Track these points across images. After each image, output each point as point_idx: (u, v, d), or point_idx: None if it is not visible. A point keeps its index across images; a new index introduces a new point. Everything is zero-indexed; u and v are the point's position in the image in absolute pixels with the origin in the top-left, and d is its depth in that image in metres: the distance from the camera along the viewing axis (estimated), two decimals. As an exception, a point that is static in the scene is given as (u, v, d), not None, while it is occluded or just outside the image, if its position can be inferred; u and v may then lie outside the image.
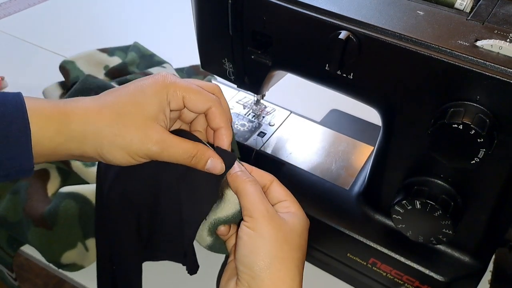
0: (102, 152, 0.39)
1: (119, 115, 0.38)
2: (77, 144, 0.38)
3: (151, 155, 0.39)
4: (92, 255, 0.56)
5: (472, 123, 0.36)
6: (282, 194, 0.43)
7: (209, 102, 0.41)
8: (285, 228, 0.39)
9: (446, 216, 0.42)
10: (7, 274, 0.62)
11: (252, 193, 0.40)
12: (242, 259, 0.38)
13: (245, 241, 0.39)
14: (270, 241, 0.38)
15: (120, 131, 0.38)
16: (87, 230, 0.56)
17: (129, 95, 0.40)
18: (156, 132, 0.39)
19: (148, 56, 0.84)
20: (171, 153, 0.40)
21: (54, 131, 0.37)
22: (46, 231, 0.55)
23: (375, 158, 0.50)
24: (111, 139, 0.38)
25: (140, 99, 0.39)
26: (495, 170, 0.41)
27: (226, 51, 0.53)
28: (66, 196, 0.55)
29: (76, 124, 0.38)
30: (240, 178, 0.41)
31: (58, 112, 0.38)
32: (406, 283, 0.51)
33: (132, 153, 0.39)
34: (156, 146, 0.39)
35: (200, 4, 0.52)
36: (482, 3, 0.43)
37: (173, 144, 0.40)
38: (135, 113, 0.39)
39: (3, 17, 1.02)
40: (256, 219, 0.39)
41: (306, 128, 0.65)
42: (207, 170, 0.42)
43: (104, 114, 0.38)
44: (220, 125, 0.42)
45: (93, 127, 0.38)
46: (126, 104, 0.39)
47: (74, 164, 0.59)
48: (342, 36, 0.41)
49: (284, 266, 0.38)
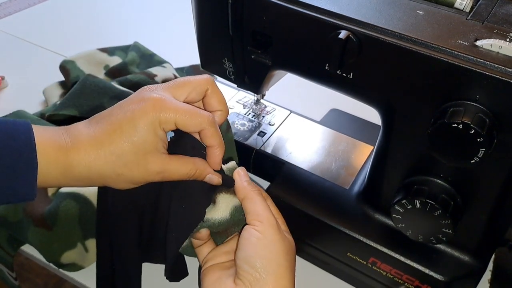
0: (109, 185, 0.41)
1: (118, 156, 0.39)
2: (83, 183, 0.41)
3: (156, 180, 0.42)
4: (92, 256, 0.56)
5: (471, 122, 0.36)
6: (275, 212, 0.45)
7: (202, 125, 0.41)
8: (286, 240, 0.41)
9: (446, 215, 0.43)
10: (7, 273, 0.62)
11: (261, 201, 0.42)
12: (249, 259, 0.39)
13: (253, 242, 0.40)
14: (278, 248, 0.40)
15: (123, 171, 0.40)
16: (87, 230, 0.55)
17: (123, 133, 0.39)
18: (156, 165, 0.40)
19: (148, 56, 0.84)
20: (173, 175, 0.42)
21: (60, 173, 0.39)
22: (45, 231, 0.55)
23: (375, 157, 0.50)
24: (115, 178, 0.40)
25: (135, 138, 0.39)
26: (495, 170, 0.41)
27: (226, 51, 0.53)
28: (66, 196, 0.55)
29: (80, 168, 0.39)
30: (249, 187, 0.43)
31: (62, 156, 0.39)
32: (406, 283, 0.51)
33: (136, 183, 0.41)
34: (158, 176, 0.41)
35: (200, 4, 0.52)
36: (482, 3, 0.43)
37: (174, 169, 0.41)
38: (133, 153, 0.40)
39: (3, 16, 1.02)
40: (265, 224, 0.40)
41: (306, 128, 0.65)
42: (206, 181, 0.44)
43: (105, 157, 0.39)
44: (212, 144, 0.43)
45: (97, 170, 0.40)
46: (122, 144, 0.39)
47: None
48: (342, 36, 0.41)
49: (286, 275, 0.40)
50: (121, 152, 0.39)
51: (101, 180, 0.40)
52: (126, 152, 0.39)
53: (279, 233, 0.40)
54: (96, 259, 0.51)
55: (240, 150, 0.61)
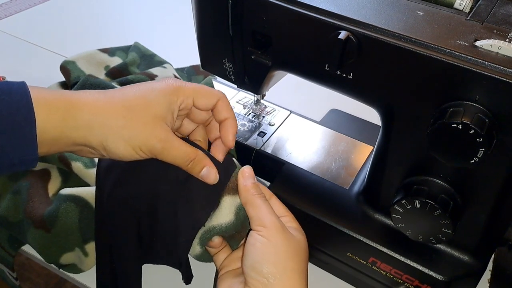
0: (107, 143, 0.39)
1: (127, 109, 0.39)
2: (82, 133, 0.39)
3: (153, 152, 0.40)
4: (92, 259, 0.56)
5: (471, 122, 0.37)
6: (282, 210, 0.44)
7: (216, 97, 0.43)
8: (294, 241, 0.41)
9: (445, 215, 0.43)
10: (8, 273, 0.63)
11: (263, 206, 0.41)
12: (254, 265, 0.39)
13: (258, 248, 0.39)
14: (283, 251, 0.39)
15: (127, 125, 0.39)
16: (87, 234, 0.55)
17: (139, 92, 0.41)
18: (162, 131, 0.40)
19: (149, 56, 0.84)
20: (172, 153, 0.41)
21: (59, 119, 0.38)
22: (45, 233, 0.55)
23: (375, 157, 0.51)
24: (118, 131, 0.39)
25: (150, 97, 0.40)
26: (494, 170, 0.41)
27: (226, 51, 0.53)
28: (66, 199, 0.55)
29: (83, 113, 0.38)
30: (252, 191, 0.42)
31: (64, 101, 0.38)
32: (405, 282, 0.51)
33: (135, 147, 0.40)
34: (159, 144, 0.40)
35: (200, 4, 0.52)
36: (482, 3, 0.43)
37: (176, 145, 0.41)
38: (144, 110, 0.40)
39: (4, 17, 1.02)
40: (270, 229, 0.40)
41: (306, 128, 0.65)
42: (201, 177, 0.43)
43: (113, 107, 0.39)
44: (226, 116, 0.44)
45: (100, 118, 0.39)
46: (136, 100, 0.40)
47: (74, 165, 0.59)
48: (342, 36, 0.41)
49: (295, 276, 0.39)
50: (132, 106, 0.39)
51: (101, 132, 0.39)
52: (137, 107, 0.39)
53: (284, 235, 0.40)
54: (96, 262, 0.51)
55: (240, 150, 0.61)
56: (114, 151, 0.40)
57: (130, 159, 0.41)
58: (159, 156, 0.41)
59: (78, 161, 0.58)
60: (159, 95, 0.41)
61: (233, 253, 0.45)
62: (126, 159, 0.41)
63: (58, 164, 0.60)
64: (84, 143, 0.39)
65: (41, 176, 0.61)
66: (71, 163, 0.59)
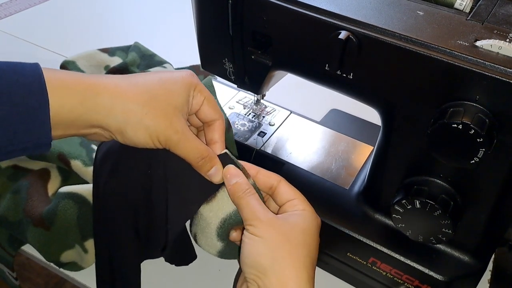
0: (126, 129, 0.39)
1: (151, 97, 0.39)
2: (101, 116, 0.38)
3: (169, 143, 0.41)
4: (91, 256, 0.56)
5: (471, 123, 0.37)
6: (290, 193, 0.44)
7: (219, 114, 0.44)
8: (285, 229, 0.40)
9: (445, 215, 0.43)
10: (8, 273, 0.63)
11: (249, 205, 0.41)
12: (246, 261, 0.40)
13: (247, 243, 0.40)
14: (271, 242, 0.39)
15: (150, 112, 0.39)
16: (85, 231, 0.55)
17: (161, 81, 0.41)
18: (180, 123, 0.41)
19: (149, 56, 0.84)
20: (186, 147, 0.41)
21: (77, 102, 0.37)
22: (44, 231, 0.55)
23: (375, 157, 0.51)
24: (140, 117, 0.39)
25: (172, 88, 0.41)
26: (494, 170, 0.41)
27: (226, 51, 0.53)
28: (65, 196, 0.55)
29: (104, 97, 0.38)
30: (237, 194, 0.42)
31: (83, 83, 0.38)
32: (406, 283, 0.51)
33: (153, 136, 0.40)
34: (176, 136, 0.40)
35: (201, 4, 0.52)
36: (482, 3, 0.43)
37: (191, 139, 0.41)
38: (166, 100, 0.40)
39: (4, 17, 1.02)
40: (256, 226, 0.40)
41: (306, 128, 0.65)
42: (207, 176, 0.43)
43: (136, 93, 0.39)
44: (218, 140, 0.45)
45: (122, 102, 0.38)
46: (158, 89, 0.40)
47: (73, 164, 0.59)
48: (342, 36, 0.41)
49: (288, 264, 0.39)
50: (155, 95, 0.40)
51: (122, 117, 0.38)
52: (160, 96, 0.40)
53: (272, 227, 0.40)
54: (95, 260, 0.51)
55: (240, 150, 0.61)
56: (131, 137, 0.40)
57: (143, 146, 0.41)
58: (173, 148, 0.41)
59: (77, 159, 0.59)
60: (180, 86, 0.41)
61: None
62: (140, 146, 0.41)
63: (57, 162, 0.60)
64: (101, 125, 0.39)
65: (41, 176, 0.61)
66: (70, 161, 0.59)
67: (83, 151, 0.60)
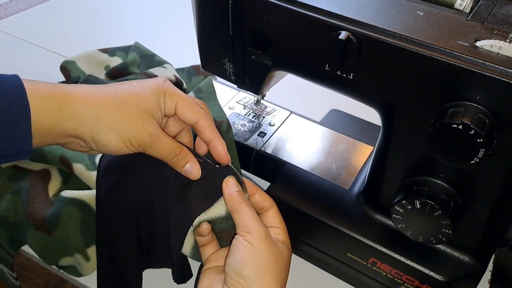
0: (98, 135, 0.40)
1: (120, 103, 0.41)
2: (75, 124, 0.40)
3: (142, 145, 0.42)
4: (93, 264, 0.55)
5: (471, 123, 0.37)
6: (277, 221, 0.46)
7: (198, 115, 0.45)
8: (276, 250, 0.42)
9: (445, 215, 0.43)
10: (8, 273, 0.63)
11: (249, 213, 0.43)
12: (235, 266, 0.40)
13: (242, 251, 0.41)
14: (264, 258, 0.41)
15: (120, 118, 0.40)
16: (89, 237, 0.55)
17: (131, 88, 0.43)
18: (151, 126, 0.42)
19: (149, 56, 0.84)
20: (160, 147, 0.43)
21: (54, 110, 0.39)
22: (45, 235, 0.54)
23: (375, 158, 0.51)
24: (110, 124, 0.40)
25: (141, 93, 0.42)
26: (494, 170, 0.41)
27: (227, 51, 0.53)
28: (69, 202, 0.54)
29: (77, 105, 0.40)
30: (237, 199, 0.44)
31: (59, 93, 0.39)
32: (406, 283, 0.51)
33: (126, 140, 0.41)
34: (149, 138, 0.42)
35: (201, 4, 0.52)
36: (482, 4, 0.43)
37: (163, 140, 0.43)
38: (135, 104, 0.41)
39: (4, 17, 1.02)
40: (254, 235, 0.41)
41: (306, 128, 0.65)
42: (184, 172, 0.44)
43: (106, 100, 0.41)
44: (211, 138, 0.45)
45: (93, 110, 0.40)
46: (128, 95, 0.42)
47: (76, 167, 0.58)
48: (342, 37, 0.41)
49: (272, 282, 0.40)
50: (124, 101, 0.41)
51: (94, 124, 0.40)
52: (129, 102, 0.41)
53: (267, 243, 0.41)
54: (97, 266, 0.51)
55: (240, 151, 0.61)
56: (104, 144, 0.41)
57: (119, 153, 0.42)
58: (147, 150, 0.42)
59: (79, 163, 0.58)
60: (149, 92, 0.42)
61: (220, 250, 0.46)
62: (115, 152, 0.42)
63: (58, 165, 0.60)
64: (75, 134, 0.40)
65: (42, 177, 0.61)
66: (73, 164, 0.58)
67: (85, 155, 0.60)
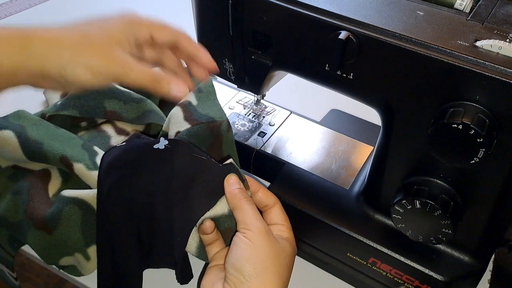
0: (65, 71, 0.39)
1: (83, 36, 0.40)
2: (39, 63, 0.38)
3: (114, 76, 0.40)
4: (93, 264, 0.55)
5: (471, 123, 0.37)
6: (281, 219, 0.46)
7: (175, 33, 0.44)
8: (278, 247, 0.42)
9: (445, 215, 0.43)
10: (8, 273, 0.63)
11: (249, 210, 0.43)
12: (235, 262, 0.40)
13: (241, 247, 0.41)
14: (264, 254, 0.41)
15: (84, 51, 0.39)
16: (89, 237, 0.54)
17: (94, 22, 0.42)
18: (119, 54, 0.40)
19: (149, 56, 0.83)
20: (133, 75, 0.40)
21: (15, 51, 0.38)
22: (46, 234, 0.54)
23: (375, 158, 0.51)
24: (75, 58, 0.39)
25: (105, 25, 0.41)
26: (494, 170, 0.41)
27: (227, 51, 0.53)
28: (69, 201, 0.54)
29: (38, 44, 0.38)
30: (238, 196, 0.44)
31: (18, 34, 0.38)
32: (406, 283, 0.51)
33: (96, 73, 0.39)
34: (119, 68, 0.40)
35: (201, 5, 0.52)
36: (482, 3, 0.43)
37: (136, 68, 0.40)
38: (99, 36, 0.40)
39: (4, 17, 1.02)
40: (254, 232, 0.41)
41: (306, 128, 0.65)
42: (173, 95, 0.41)
43: (68, 35, 0.39)
44: (194, 51, 0.44)
45: (55, 47, 0.39)
46: (91, 28, 0.41)
47: (76, 167, 0.58)
48: (342, 36, 0.41)
49: (272, 278, 0.40)
50: (87, 34, 0.40)
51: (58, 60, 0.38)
52: (92, 34, 0.40)
53: (267, 239, 0.41)
54: (97, 266, 0.51)
55: (240, 151, 0.61)
56: (72, 79, 0.39)
57: (92, 87, 0.40)
58: (123, 80, 0.40)
59: (80, 162, 0.58)
60: (113, 23, 0.42)
61: (225, 249, 0.46)
62: (88, 87, 0.40)
63: (59, 165, 0.59)
64: (42, 74, 0.39)
65: (42, 177, 0.61)
66: (73, 164, 0.58)
67: (85, 155, 0.59)
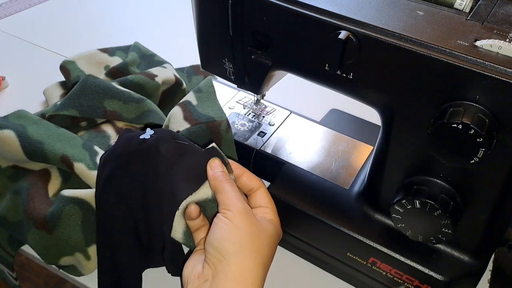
0: None
1: None
2: None
3: None
4: (93, 263, 0.55)
5: (471, 122, 0.37)
6: (265, 201, 0.46)
7: None
8: (258, 226, 0.43)
9: (445, 215, 0.43)
10: (7, 273, 0.63)
11: (230, 191, 0.44)
12: (214, 242, 0.41)
13: (220, 227, 0.42)
14: (244, 233, 0.41)
15: None
16: (89, 237, 0.54)
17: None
18: None
19: (149, 56, 0.84)
20: None
21: None
22: (46, 234, 0.54)
23: (375, 157, 0.51)
24: None
25: None
26: (494, 170, 0.41)
27: (226, 51, 0.53)
28: (69, 201, 0.54)
29: None
30: (220, 178, 0.44)
31: None
32: (406, 283, 0.51)
33: None
34: None
35: (201, 4, 0.52)
36: (482, 3, 0.43)
37: None
38: None
39: (3, 17, 1.02)
40: (234, 212, 0.42)
41: (306, 128, 0.65)
42: None
43: None
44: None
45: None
46: None
47: (77, 167, 0.58)
48: (342, 36, 0.41)
49: (251, 257, 0.41)
50: None
51: None
52: None
53: (246, 219, 0.42)
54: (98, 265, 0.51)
55: (240, 150, 0.61)
56: None
57: None
58: None
59: (81, 162, 0.58)
60: None
61: None
62: None
63: (59, 164, 0.59)
64: None
65: (41, 176, 0.61)
66: (74, 164, 0.58)
67: (86, 154, 0.59)
